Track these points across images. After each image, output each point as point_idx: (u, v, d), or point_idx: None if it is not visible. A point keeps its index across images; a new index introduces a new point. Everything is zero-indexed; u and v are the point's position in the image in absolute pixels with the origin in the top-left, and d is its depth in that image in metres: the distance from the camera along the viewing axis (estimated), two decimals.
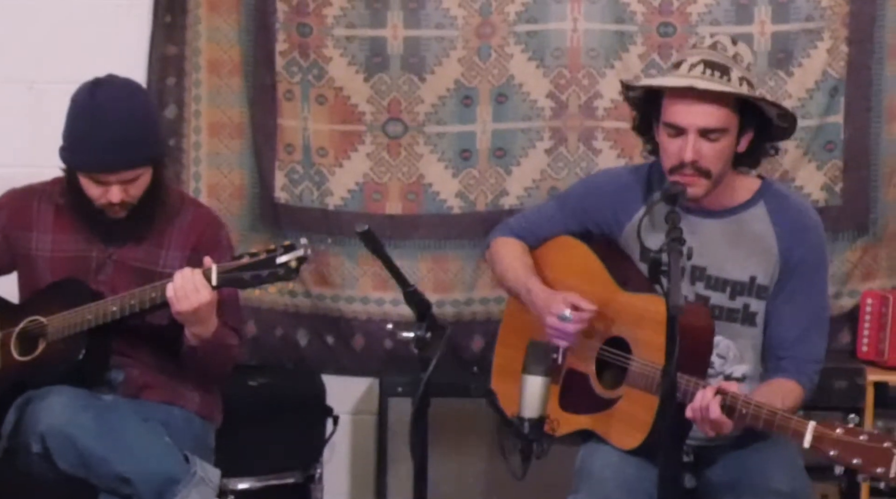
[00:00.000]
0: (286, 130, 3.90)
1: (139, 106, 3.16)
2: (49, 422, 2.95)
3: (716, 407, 2.69)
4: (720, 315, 3.00)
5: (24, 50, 3.90)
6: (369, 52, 3.85)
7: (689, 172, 2.87)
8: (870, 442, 2.53)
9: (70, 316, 3.05)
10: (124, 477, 2.96)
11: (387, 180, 3.89)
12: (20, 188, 3.31)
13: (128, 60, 3.84)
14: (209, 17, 3.88)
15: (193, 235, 3.22)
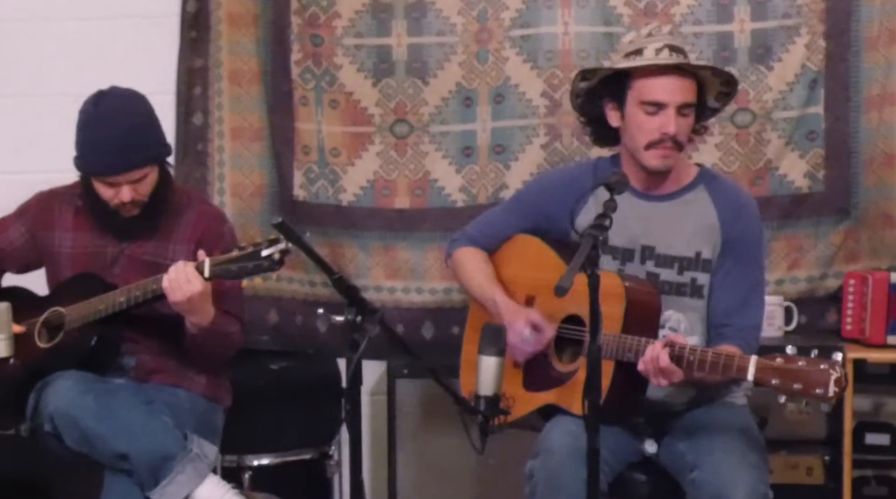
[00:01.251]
0: (302, 132, 4.11)
1: (139, 112, 3.35)
2: (55, 404, 3.16)
3: (665, 356, 2.84)
4: (670, 290, 3.16)
5: (69, 65, 4.16)
6: (376, 58, 4.04)
7: (668, 144, 3.06)
8: (808, 366, 2.66)
9: (85, 307, 3.25)
10: (122, 454, 3.14)
11: (395, 177, 4.08)
12: (46, 191, 3.54)
13: (159, 73, 4.15)
14: (229, 31, 4.12)
15: (198, 230, 3.39)
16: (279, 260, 2.96)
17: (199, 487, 3.17)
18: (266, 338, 4.16)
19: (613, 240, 3.14)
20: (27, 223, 3.51)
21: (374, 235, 4.12)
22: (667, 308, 3.14)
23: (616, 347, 3.00)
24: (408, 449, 3.93)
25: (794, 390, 2.65)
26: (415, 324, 4.11)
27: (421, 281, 4.11)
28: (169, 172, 3.46)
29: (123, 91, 3.39)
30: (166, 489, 3.12)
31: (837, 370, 2.62)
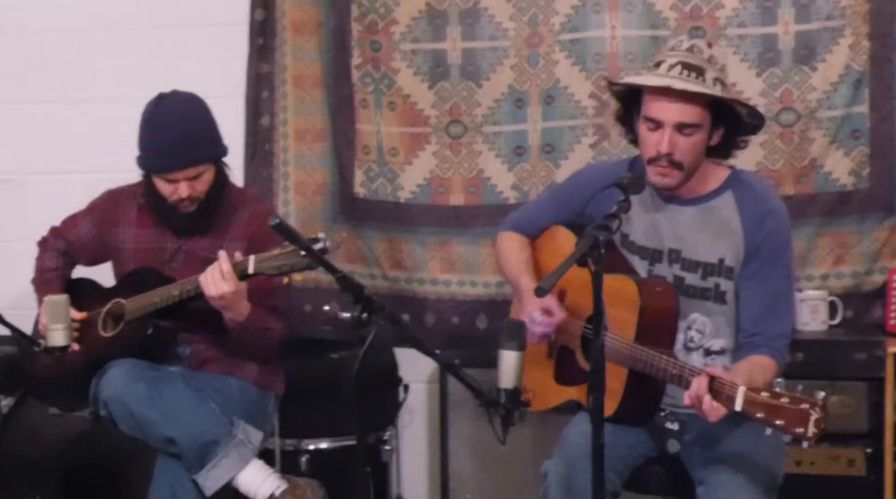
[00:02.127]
0: (363, 133, 4.24)
1: (197, 113, 3.48)
2: (109, 391, 3.31)
3: (708, 397, 2.76)
4: (694, 294, 3.15)
5: (147, 72, 4.31)
6: (432, 63, 4.16)
7: (664, 163, 3.03)
8: (790, 404, 2.59)
9: (143, 299, 3.39)
10: (170, 438, 3.27)
11: (450, 175, 4.19)
12: (113, 189, 3.69)
13: (230, 77, 4.33)
14: (294, 38, 4.27)
15: (251, 228, 3.50)
16: None
17: (243, 471, 3.29)
18: (328, 328, 4.24)
19: (643, 241, 3.21)
20: (95, 220, 3.68)
21: (431, 231, 4.24)
22: (693, 311, 3.15)
23: (629, 355, 3.03)
24: (461, 436, 4.02)
25: (777, 425, 2.62)
26: (470, 315, 4.22)
27: (475, 274, 4.20)
28: (224, 172, 3.57)
29: (183, 94, 3.53)
30: (211, 473, 3.25)
31: (817, 412, 2.57)
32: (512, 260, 3.39)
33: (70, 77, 4.46)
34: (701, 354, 3.15)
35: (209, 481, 3.25)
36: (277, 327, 3.48)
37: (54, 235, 3.74)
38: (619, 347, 3.06)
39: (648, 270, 3.21)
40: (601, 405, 2.69)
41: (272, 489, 3.29)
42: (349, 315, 2.65)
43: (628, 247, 3.24)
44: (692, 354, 3.15)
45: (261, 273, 3.15)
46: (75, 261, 3.74)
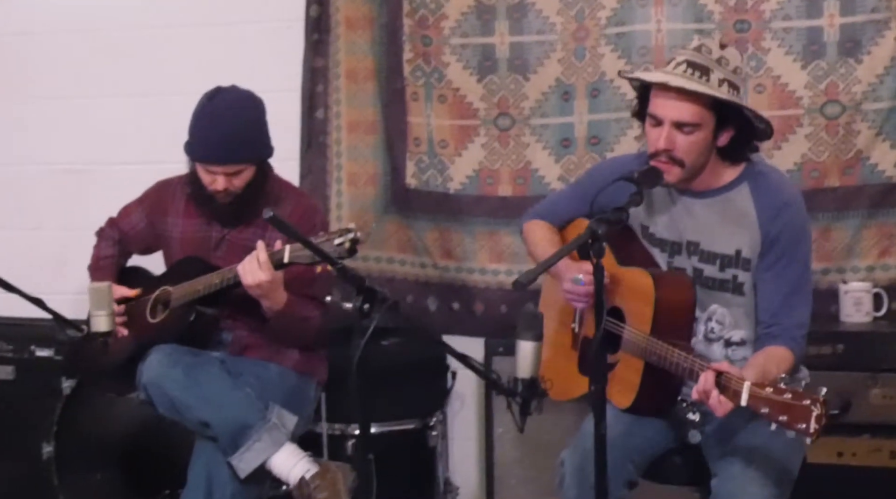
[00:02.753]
0: (414, 126, 4.29)
1: (248, 114, 3.53)
2: (148, 375, 3.40)
3: (715, 392, 2.75)
4: (713, 286, 3.13)
5: (213, 66, 4.36)
6: (481, 57, 4.18)
7: (663, 159, 3.01)
8: (793, 400, 2.56)
9: (187, 287, 3.46)
10: (205, 422, 3.33)
11: (498, 167, 4.22)
12: (164, 180, 3.77)
13: (287, 72, 4.40)
14: (347, 33, 4.32)
15: (292, 220, 3.43)
16: (349, 249, 3.04)
17: (276, 454, 3.34)
18: None
19: (662, 233, 3.21)
20: (146, 209, 3.77)
21: (480, 221, 4.27)
22: (712, 303, 3.14)
23: (645, 349, 3.03)
24: (505, 423, 4.02)
25: (780, 421, 2.59)
26: (517, 304, 4.17)
27: (522, 264, 4.17)
28: (266, 170, 3.62)
29: (240, 91, 3.58)
30: (244, 455, 3.30)
31: (818, 408, 2.53)
32: (543, 244, 3.39)
33: (137, 72, 4.56)
34: (722, 345, 3.15)
35: (242, 463, 3.31)
36: (315, 316, 3.53)
37: (110, 225, 3.85)
38: (636, 340, 3.06)
39: (668, 263, 3.20)
40: (603, 397, 2.71)
41: (302, 472, 3.32)
42: (351, 305, 2.67)
43: (649, 239, 3.24)
44: (713, 345, 3.15)
45: (295, 262, 3.19)
46: (129, 250, 3.83)
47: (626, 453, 3.11)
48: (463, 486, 4.35)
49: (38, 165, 4.76)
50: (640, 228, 3.26)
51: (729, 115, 3.03)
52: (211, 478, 3.35)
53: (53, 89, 4.72)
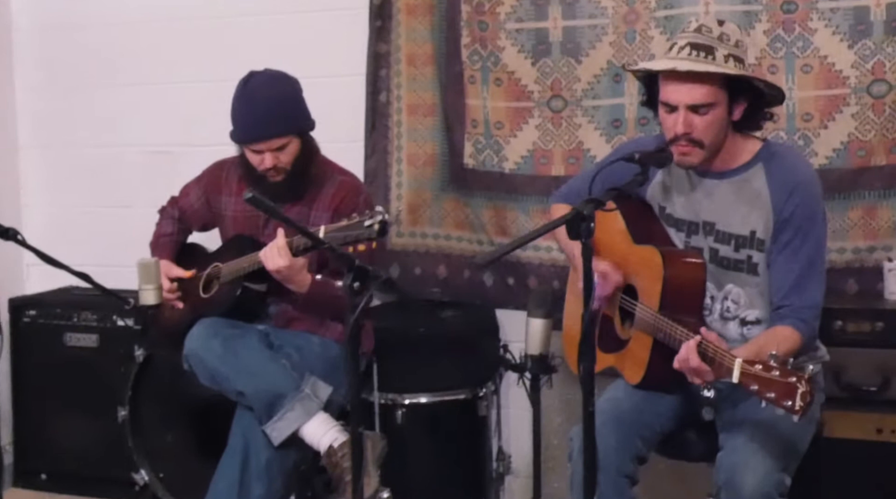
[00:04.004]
0: (471, 108, 4.28)
1: (281, 89, 3.58)
2: (189, 346, 3.49)
3: (694, 356, 2.75)
4: (728, 265, 3.09)
5: (286, 52, 4.37)
6: (535, 41, 4.15)
7: (683, 143, 2.97)
8: (780, 377, 2.52)
9: (235, 263, 3.53)
10: (241, 391, 3.41)
11: (552, 147, 4.18)
12: (221, 160, 3.84)
13: (353, 57, 4.43)
14: (407, 20, 4.34)
15: (336, 199, 3.59)
16: (379, 229, 3.04)
17: (307, 423, 3.38)
18: (436, 290, 4.37)
19: (680, 214, 3.17)
20: (203, 188, 3.85)
21: (534, 200, 4.24)
22: (728, 282, 3.09)
23: (652, 325, 3.00)
24: (551, 395, 4.01)
25: (769, 398, 2.54)
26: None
27: None
28: (311, 145, 3.65)
29: (271, 72, 3.64)
30: (277, 424, 3.36)
31: (803, 384, 2.48)
32: None
33: (217, 59, 4.65)
34: (737, 324, 3.09)
35: (275, 431, 3.37)
36: None
37: (171, 204, 3.94)
38: (645, 317, 3.03)
39: (685, 243, 3.16)
40: (591, 376, 2.67)
41: (331, 441, 3.36)
42: (341, 284, 2.66)
43: (666, 219, 3.20)
44: (729, 324, 3.10)
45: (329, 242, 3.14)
46: (189, 227, 3.91)
47: (634, 428, 3.08)
48: (516, 455, 4.37)
49: (131, 147, 4.90)
50: (658, 209, 3.22)
51: (740, 88, 2.98)
52: (248, 444, 3.42)
53: (144, 76, 4.85)
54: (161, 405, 4.17)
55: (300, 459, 3.50)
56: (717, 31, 2.98)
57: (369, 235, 3.07)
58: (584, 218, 2.64)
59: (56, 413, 4.63)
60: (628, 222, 3.25)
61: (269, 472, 3.39)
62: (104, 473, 4.48)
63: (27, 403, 4.72)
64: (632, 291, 3.18)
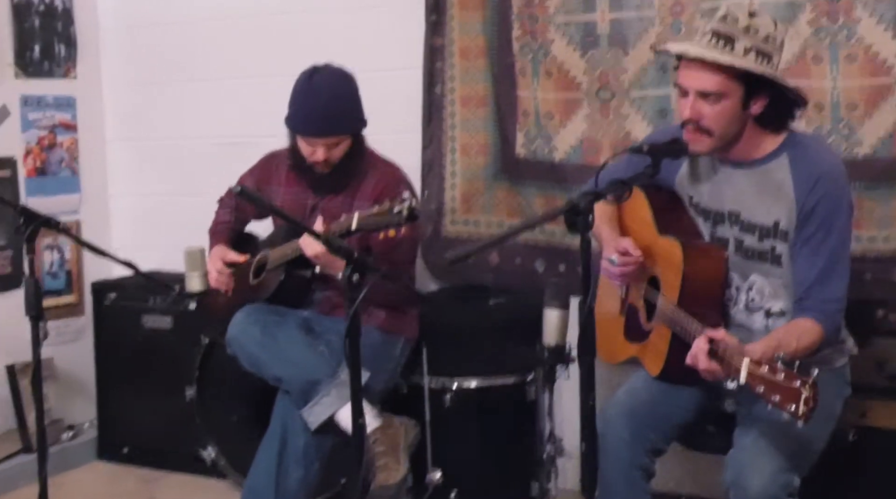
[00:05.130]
0: (522, 99, 4.22)
1: (343, 89, 3.58)
2: (231, 332, 3.51)
3: (703, 357, 2.64)
4: (753, 256, 2.97)
5: (347, 47, 4.39)
6: (583, 33, 4.07)
7: (691, 128, 2.87)
8: (784, 381, 2.40)
9: (280, 251, 3.55)
10: (278, 377, 3.42)
11: (600, 137, 4.10)
12: (272, 151, 3.86)
13: (410, 51, 4.41)
14: (460, 14, 4.29)
15: (378, 189, 3.59)
16: (407, 215, 2.99)
17: (342, 408, 3.37)
18: (488, 277, 4.32)
19: (707, 203, 3.06)
20: (255, 178, 3.86)
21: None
22: (752, 273, 2.98)
23: (670, 318, 2.91)
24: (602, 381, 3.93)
25: (773, 401, 2.42)
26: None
27: None
28: (361, 143, 3.66)
29: (335, 69, 3.63)
30: (313, 409, 3.37)
31: (807, 390, 2.35)
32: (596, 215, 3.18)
33: (284, 55, 4.61)
34: (762, 316, 2.99)
35: (311, 416, 3.38)
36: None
37: (229, 194, 3.96)
38: (664, 309, 2.94)
39: (711, 232, 3.06)
40: (591, 371, 2.63)
41: None
42: (341, 276, 2.64)
43: (694, 208, 3.10)
44: (753, 315, 3.00)
45: (362, 229, 3.17)
46: (245, 216, 3.93)
47: (649, 420, 3.01)
48: (568, 438, 4.33)
49: (204, 139, 4.97)
50: (687, 198, 3.12)
51: (760, 83, 2.84)
52: (286, 428, 3.44)
53: (216, 72, 4.91)
54: (226, 386, 4.21)
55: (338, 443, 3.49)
56: (745, 22, 2.84)
57: (398, 221, 3.03)
58: (579, 212, 2.56)
59: (135, 391, 4.72)
60: (655, 212, 3.16)
61: (307, 455, 3.40)
62: (179, 448, 4.54)
63: (109, 381, 4.82)
64: (656, 283, 3.09)
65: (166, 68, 5.08)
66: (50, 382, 4.85)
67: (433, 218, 4.42)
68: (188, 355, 4.35)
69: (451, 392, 3.97)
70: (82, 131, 5.09)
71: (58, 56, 4.94)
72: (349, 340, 2.62)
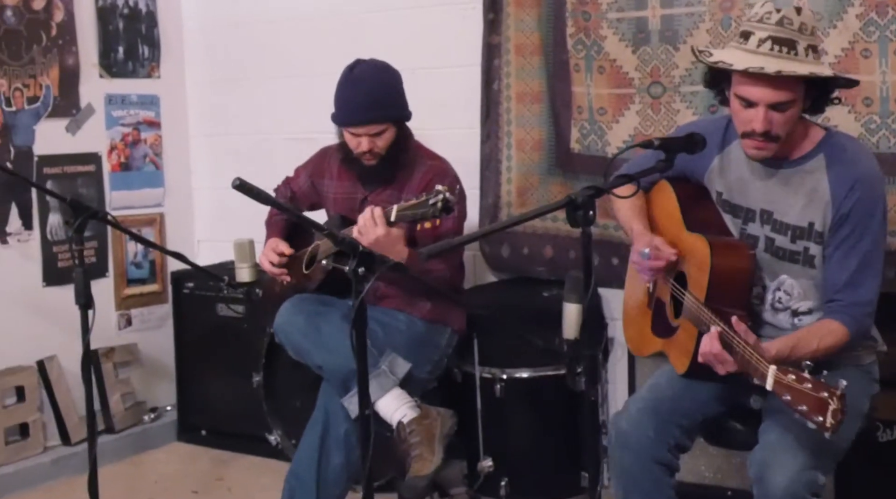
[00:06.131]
0: (577, 95, 4.12)
1: (383, 79, 3.55)
2: (277, 321, 3.51)
3: (716, 343, 2.59)
4: (784, 256, 2.86)
5: (410, 45, 4.44)
6: (635, 29, 3.97)
7: (759, 138, 2.74)
8: (812, 391, 2.30)
9: (328, 242, 3.50)
10: (320, 365, 3.41)
11: (651, 132, 3.98)
12: (326, 146, 3.84)
13: (470, 49, 4.35)
14: (516, 12, 4.21)
15: (424, 181, 3.54)
16: (442, 207, 3.04)
17: (382, 398, 3.35)
18: (542, 269, 4.26)
19: (737, 200, 2.95)
20: (309, 172, 3.87)
21: None
22: (781, 272, 2.87)
23: (696, 316, 2.82)
24: (645, 374, 3.84)
25: (800, 410, 2.31)
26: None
27: None
28: (406, 133, 3.61)
29: (375, 62, 3.62)
30: (353, 398, 3.31)
31: (835, 401, 2.25)
32: (625, 207, 3.20)
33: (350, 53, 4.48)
34: (788, 315, 2.88)
35: (351, 405, 3.34)
36: (440, 269, 3.49)
37: (285, 185, 3.97)
38: (691, 307, 2.85)
39: (741, 229, 2.94)
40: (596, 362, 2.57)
41: (401, 417, 3.32)
42: (346, 268, 2.60)
43: (722, 205, 2.99)
44: (779, 315, 2.89)
45: (401, 220, 3.19)
46: (300, 207, 3.91)
47: (671, 416, 2.92)
48: None
49: (278, 134, 4.98)
50: (715, 194, 3.00)
51: (820, 79, 2.74)
52: (328, 415, 3.43)
53: (288, 70, 4.93)
54: (289, 373, 4.20)
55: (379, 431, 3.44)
56: (798, 22, 2.71)
57: (434, 212, 3.06)
58: (577, 206, 2.48)
59: (211, 376, 4.78)
60: (682, 207, 3.06)
61: (347, 443, 3.38)
62: (250, 431, 4.58)
63: (188, 366, 4.89)
64: (682, 279, 3.00)
65: (242, 67, 5.12)
66: (135, 366, 4.97)
67: (490, 211, 4.35)
68: (257, 343, 4.38)
69: (501, 382, 3.92)
70: (166, 128, 5.16)
71: (141, 57, 5.02)
72: (355, 331, 2.59)
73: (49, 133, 4.63)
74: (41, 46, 4.56)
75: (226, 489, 4.36)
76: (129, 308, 4.98)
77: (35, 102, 4.55)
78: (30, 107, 4.53)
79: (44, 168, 4.60)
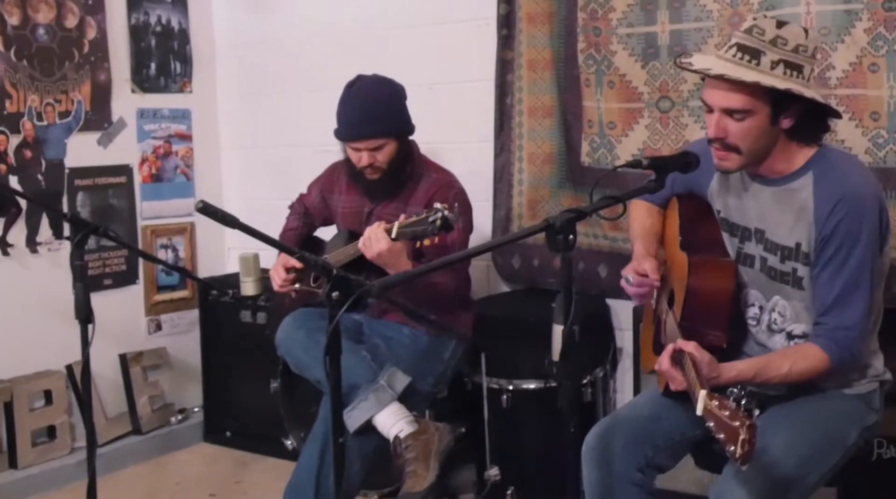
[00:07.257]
0: (587, 109, 3.98)
1: (383, 94, 3.44)
2: (279, 335, 3.41)
3: (665, 359, 2.44)
4: (776, 277, 2.67)
5: (426, 60, 4.39)
6: (644, 44, 3.82)
7: (718, 146, 2.58)
8: (728, 418, 2.09)
9: (334, 256, 3.43)
10: (319, 380, 3.30)
11: (660, 146, 3.85)
12: (335, 162, 3.74)
13: (485, 64, 4.23)
14: (528, 28, 4.08)
15: (429, 194, 3.44)
16: (441, 225, 2.93)
17: (380, 413, 3.22)
18: (553, 280, 4.09)
19: (735, 218, 2.77)
20: (320, 187, 3.77)
21: None
22: (775, 294, 2.68)
23: (671, 336, 2.66)
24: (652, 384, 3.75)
25: (720, 439, 2.10)
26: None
27: None
28: (408, 147, 3.49)
29: (376, 77, 3.50)
30: (352, 412, 3.22)
31: (744, 432, 2.03)
32: (635, 226, 3.06)
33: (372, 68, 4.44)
34: (784, 337, 2.68)
35: (351, 419, 3.23)
36: (444, 281, 3.36)
37: (299, 200, 3.86)
38: (670, 325, 2.67)
39: (738, 248, 2.75)
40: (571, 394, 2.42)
41: (398, 432, 3.20)
42: (321, 291, 2.46)
43: (722, 223, 2.80)
44: (775, 336, 2.69)
45: (402, 237, 3.06)
46: (313, 222, 3.82)
47: (644, 436, 2.73)
48: None
49: (303, 147, 4.87)
50: (717, 212, 2.82)
51: (789, 97, 2.50)
52: (328, 429, 3.16)
53: (312, 84, 4.82)
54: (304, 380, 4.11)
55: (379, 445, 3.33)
56: (772, 34, 2.50)
57: (433, 230, 2.94)
58: (557, 231, 2.32)
59: (235, 380, 4.69)
60: (682, 225, 2.88)
61: (347, 456, 3.25)
62: (270, 435, 4.46)
63: (214, 369, 4.80)
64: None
65: (271, 82, 5.03)
66: (164, 369, 4.90)
67: (502, 224, 4.22)
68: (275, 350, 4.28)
69: (508, 393, 3.78)
70: (197, 140, 5.09)
71: (173, 72, 4.95)
72: (329, 358, 2.40)
73: (80, 146, 4.57)
74: (73, 63, 4.49)
75: (242, 493, 4.25)
76: (158, 314, 4.90)
77: (66, 117, 4.48)
78: (61, 121, 4.47)
79: (75, 180, 4.53)
